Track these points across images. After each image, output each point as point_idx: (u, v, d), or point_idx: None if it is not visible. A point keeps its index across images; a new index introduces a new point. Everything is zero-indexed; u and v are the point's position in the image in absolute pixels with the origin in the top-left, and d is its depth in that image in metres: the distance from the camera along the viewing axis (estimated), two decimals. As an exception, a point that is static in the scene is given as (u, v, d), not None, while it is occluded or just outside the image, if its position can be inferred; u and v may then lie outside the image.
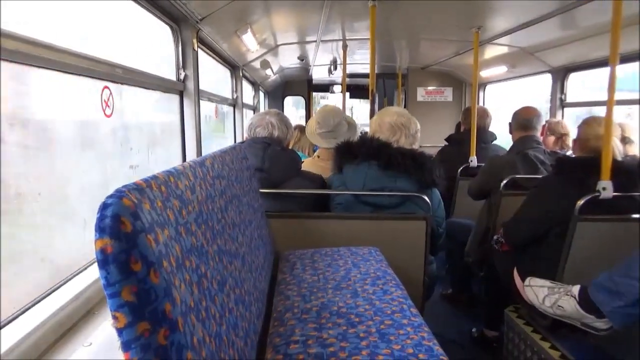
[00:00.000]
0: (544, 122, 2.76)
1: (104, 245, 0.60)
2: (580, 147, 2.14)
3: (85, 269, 1.40)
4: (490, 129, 3.63)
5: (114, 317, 0.61)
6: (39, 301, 1.16)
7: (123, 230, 0.61)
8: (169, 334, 0.65)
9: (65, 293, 1.28)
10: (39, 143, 1.24)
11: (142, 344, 0.62)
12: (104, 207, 0.62)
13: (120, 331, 0.61)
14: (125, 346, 0.61)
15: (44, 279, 1.22)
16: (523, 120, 2.73)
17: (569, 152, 2.85)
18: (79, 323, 1.26)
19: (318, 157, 2.77)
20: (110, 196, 0.64)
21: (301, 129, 3.52)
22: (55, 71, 1.27)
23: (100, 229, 0.61)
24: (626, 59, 2.86)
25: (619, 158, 2.04)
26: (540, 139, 2.76)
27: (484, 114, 3.57)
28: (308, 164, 2.74)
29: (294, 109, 9.21)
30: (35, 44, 1.14)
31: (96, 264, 0.61)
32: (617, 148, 2.04)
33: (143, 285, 0.62)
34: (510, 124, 2.86)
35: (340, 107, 3.83)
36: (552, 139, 3.11)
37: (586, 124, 2.15)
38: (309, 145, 3.46)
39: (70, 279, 1.32)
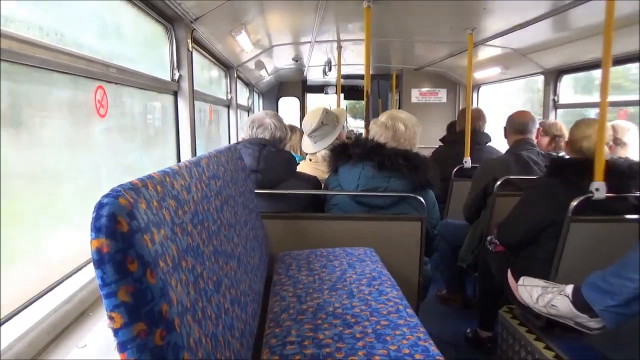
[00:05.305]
0: (537, 126, 2.79)
1: (100, 245, 0.60)
2: (571, 149, 2.16)
3: (80, 269, 1.39)
4: (484, 130, 3.64)
5: (110, 318, 0.60)
6: (32, 302, 1.15)
7: (119, 229, 0.61)
8: (166, 334, 0.64)
9: (60, 294, 1.27)
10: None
11: (139, 344, 0.61)
12: (99, 206, 0.62)
13: (116, 332, 0.60)
14: (122, 347, 0.61)
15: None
16: (518, 125, 2.77)
17: (562, 154, 2.87)
18: (74, 324, 1.25)
19: (310, 160, 2.80)
20: (106, 195, 0.64)
21: (291, 128, 3.51)
22: (49, 70, 1.26)
23: (96, 229, 0.60)
24: (619, 60, 2.89)
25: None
26: (535, 141, 2.78)
27: (478, 116, 3.58)
28: (304, 167, 2.75)
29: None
30: (28, 43, 1.13)
31: (91, 264, 0.61)
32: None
33: (139, 286, 0.62)
34: (505, 128, 2.89)
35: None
36: (546, 140, 3.13)
37: (576, 126, 2.17)
38: (300, 146, 3.47)
39: (64, 280, 1.31)
